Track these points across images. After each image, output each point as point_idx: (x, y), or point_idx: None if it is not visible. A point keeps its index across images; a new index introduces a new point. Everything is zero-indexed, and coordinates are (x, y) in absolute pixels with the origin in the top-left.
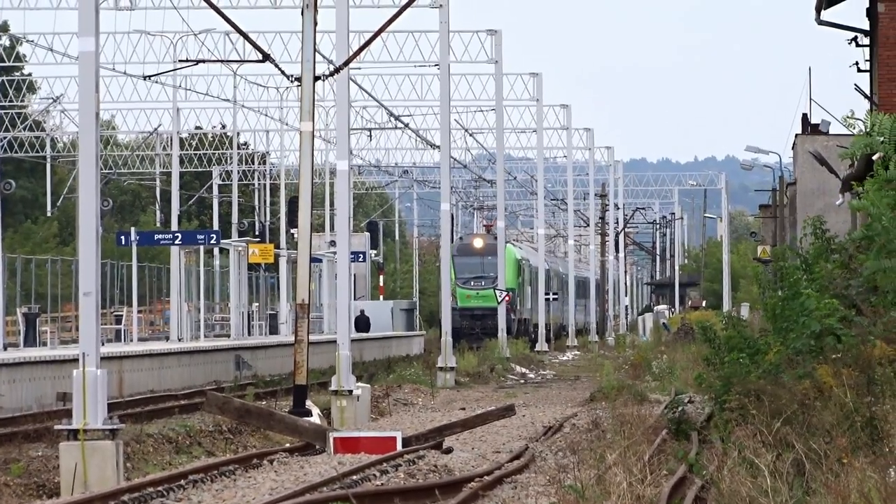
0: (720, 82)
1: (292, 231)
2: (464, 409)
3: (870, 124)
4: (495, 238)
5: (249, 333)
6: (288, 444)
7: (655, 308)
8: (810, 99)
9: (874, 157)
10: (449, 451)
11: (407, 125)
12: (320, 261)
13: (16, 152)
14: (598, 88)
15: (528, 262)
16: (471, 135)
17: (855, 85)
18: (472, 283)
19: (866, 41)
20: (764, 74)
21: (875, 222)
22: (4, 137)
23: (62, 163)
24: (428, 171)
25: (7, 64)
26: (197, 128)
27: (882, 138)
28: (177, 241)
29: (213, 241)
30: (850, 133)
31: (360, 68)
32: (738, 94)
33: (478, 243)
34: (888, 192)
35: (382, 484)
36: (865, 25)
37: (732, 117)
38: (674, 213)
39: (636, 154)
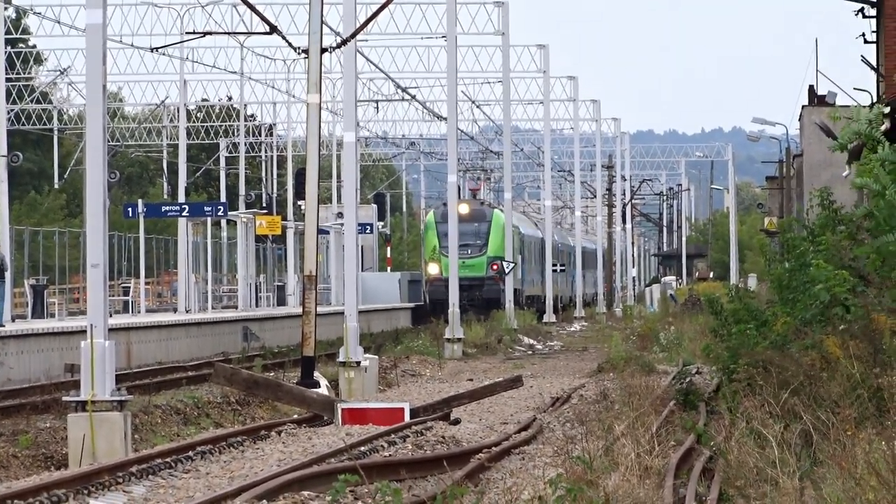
0: (727, 54)
1: (300, 203)
2: (471, 380)
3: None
4: (482, 203)
5: (257, 305)
6: (296, 416)
7: (663, 279)
8: (817, 70)
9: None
10: (457, 422)
11: (414, 97)
12: (328, 232)
13: (23, 125)
14: (605, 60)
15: (519, 229)
16: (478, 106)
17: (861, 56)
18: (458, 252)
19: (873, 12)
20: (771, 46)
21: (878, 198)
22: (11, 110)
23: (69, 135)
24: (435, 143)
25: (13, 36)
26: (204, 100)
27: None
28: (184, 213)
29: (220, 213)
30: (849, 105)
31: (367, 40)
32: (745, 65)
33: (463, 209)
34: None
35: (390, 455)
36: None
37: (739, 89)
38: (680, 185)
39: (643, 126)
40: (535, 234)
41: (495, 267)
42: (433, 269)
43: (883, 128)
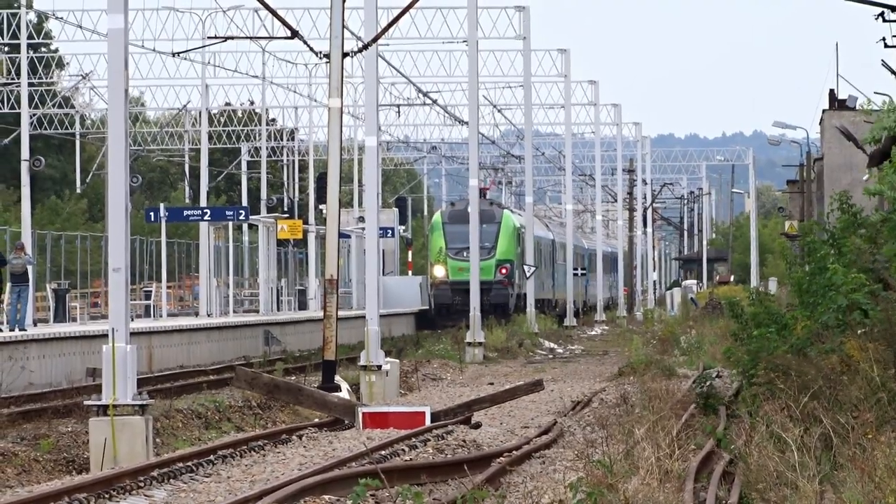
0: (748, 58)
1: (321, 207)
2: (492, 383)
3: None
4: (491, 203)
5: (278, 309)
6: (317, 420)
7: (683, 283)
8: (837, 74)
9: None
10: (477, 426)
11: (435, 101)
12: (349, 236)
13: (45, 129)
14: (627, 64)
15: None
16: (499, 111)
17: (882, 61)
18: (465, 254)
19: (894, 16)
20: (792, 49)
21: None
22: (34, 114)
23: (91, 139)
24: (456, 147)
25: (35, 41)
26: (226, 104)
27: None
28: (206, 217)
29: (241, 217)
30: (877, 109)
31: (388, 45)
32: (766, 69)
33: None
34: None
35: (411, 459)
36: (893, 0)
37: (760, 93)
38: (701, 189)
39: (664, 129)
40: (545, 235)
41: (504, 270)
42: (439, 271)
43: None
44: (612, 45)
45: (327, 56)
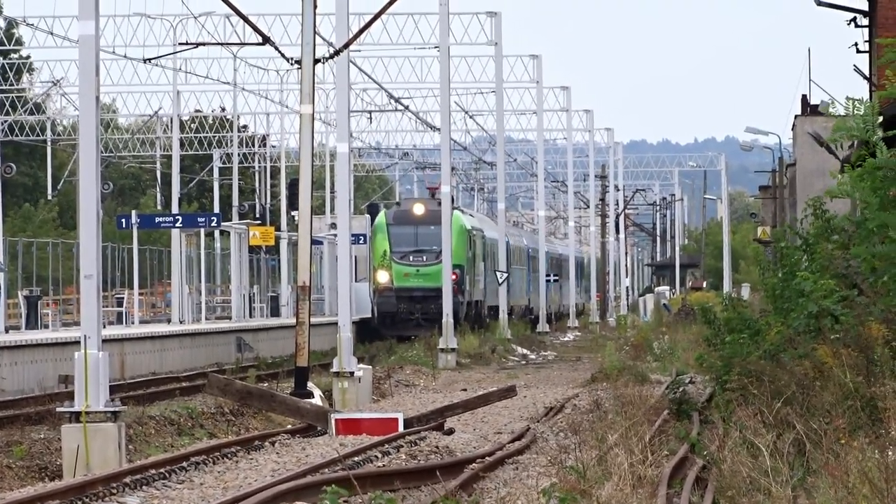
0: (720, 63)
1: (293, 213)
2: (465, 390)
3: (852, 108)
4: (440, 203)
5: (251, 316)
6: (290, 426)
7: (656, 289)
8: (810, 80)
9: (873, 140)
10: (450, 432)
11: (407, 107)
12: (321, 243)
13: (16, 136)
14: (599, 70)
15: (482, 233)
16: (471, 117)
17: (854, 66)
18: (412, 259)
19: (865, 22)
20: (764, 55)
21: (864, 208)
22: (5, 121)
23: (63, 146)
24: (428, 153)
25: (6, 47)
26: (197, 111)
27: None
28: (177, 224)
29: (213, 224)
30: (846, 115)
31: (359, 51)
32: (738, 75)
33: (418, 210)
34: (872, 177)
35: (384, 465)
36: (864, 6)
37: (733, 98)
38: (674, 195)
39: (636, 135)
40: (499, 238)
41: (454, 276)
42: (383, 277)
43: (879, 134)
44: (584, 52)
45: (299, 62)
